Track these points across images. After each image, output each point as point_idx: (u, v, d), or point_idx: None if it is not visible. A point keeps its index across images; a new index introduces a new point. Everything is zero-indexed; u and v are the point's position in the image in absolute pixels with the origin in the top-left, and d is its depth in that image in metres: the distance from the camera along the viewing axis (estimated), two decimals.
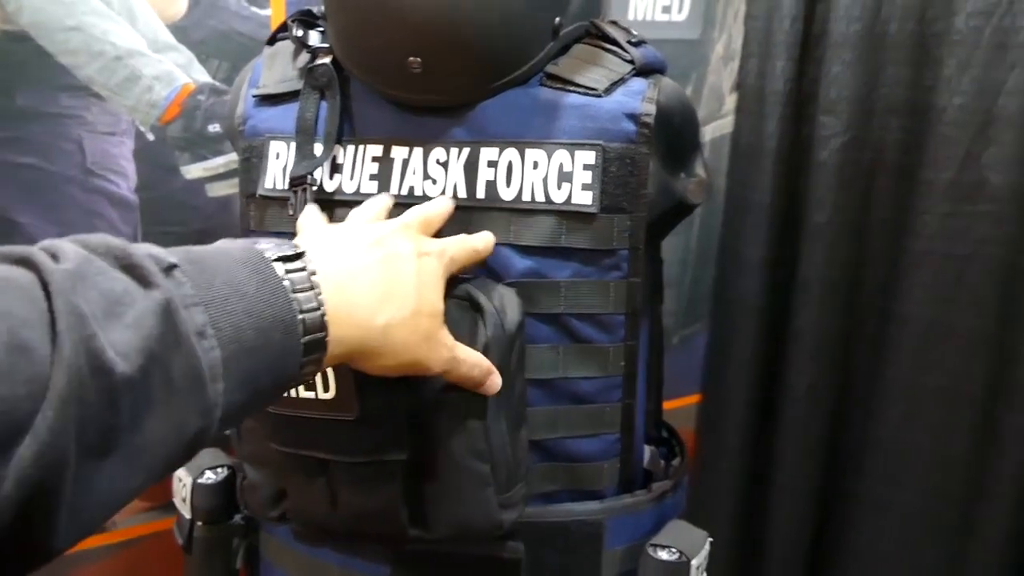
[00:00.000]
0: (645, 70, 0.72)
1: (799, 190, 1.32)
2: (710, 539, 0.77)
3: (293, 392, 0.61)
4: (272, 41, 0.80)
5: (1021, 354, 1.03)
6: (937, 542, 1.19)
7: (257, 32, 1.06)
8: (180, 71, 1.04)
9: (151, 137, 1.05)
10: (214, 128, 1.07)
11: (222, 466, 0.82)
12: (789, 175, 1.33)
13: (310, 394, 0.61)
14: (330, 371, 0.59)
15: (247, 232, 0.78)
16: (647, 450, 0.89)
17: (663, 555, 0.74)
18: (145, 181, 1.06)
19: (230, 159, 1.09)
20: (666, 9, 1.34)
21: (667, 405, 0.94)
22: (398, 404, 0.61)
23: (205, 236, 1.12)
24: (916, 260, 1.15)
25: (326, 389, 0.60)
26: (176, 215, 1.10)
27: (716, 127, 1.48)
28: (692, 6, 1.36)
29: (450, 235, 0.68)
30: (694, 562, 0.74)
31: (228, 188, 1.11)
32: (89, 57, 0.98)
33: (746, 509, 1.49)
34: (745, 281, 1.41)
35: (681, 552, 0.73)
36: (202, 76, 1.05)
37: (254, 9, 1.06)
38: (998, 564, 1.09)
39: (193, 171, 1.08)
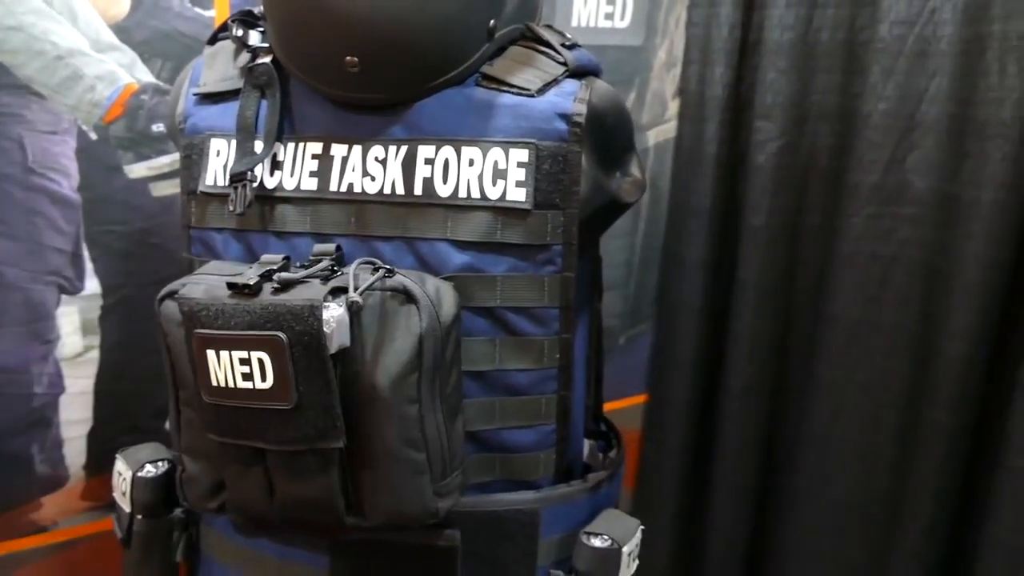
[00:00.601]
0: (578, 72, 0.74)
1: (737, 193, 1.36)
2: (642, 527, 0.80)
3: (230, 382, 0.62)
4: (213, 40, 0.81)
5: (941, 351, 1.08)
6: (864, 534, 1.24)
7: (200, 33, 1.06)
8: (123, 71, 1.04)
9: (94, 136, 1.04)
10: (158, 128, 1.07)
11: (162, 460, 0.82)
12: (728, 179, 1.37)
13: (247, 384, 0.62)
14: (267, 360, 0.61)
15: (187, 228, 0.79)
16: (586, 444, 0.91)
17: (596, 542, 0.76)
18: (87, 180, 1.06)
19: (174, 159, 1.09)
20: (609, 16, 1.37)
21: (613, 405, 0.96)
22: (333, 393, 0.62)
23: (147, 235, 1.12)
24: (844, 261, 1.20)
25: (263, 379, 0.61)
26: (119, 214, 1.09)
27: (659, 132, 1.52)
28: (634, 13, 1.39)
29: (390, 231, 0.70)
30: (625, 549, 0.76)
31: (172, 188, 1.10)
32: (29, 56, 0.98)
33: (687, 508, 1.53)
34: (687, 283, 1.45)
35: (613, 539, 0.76)
36: (145, 76, 1.05)
37: (197, 10, 1.06)
38: (919, 554, 1.14)
39: (137, 170, 1.08)
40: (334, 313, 0.61)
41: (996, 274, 1.01)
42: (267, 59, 0.74)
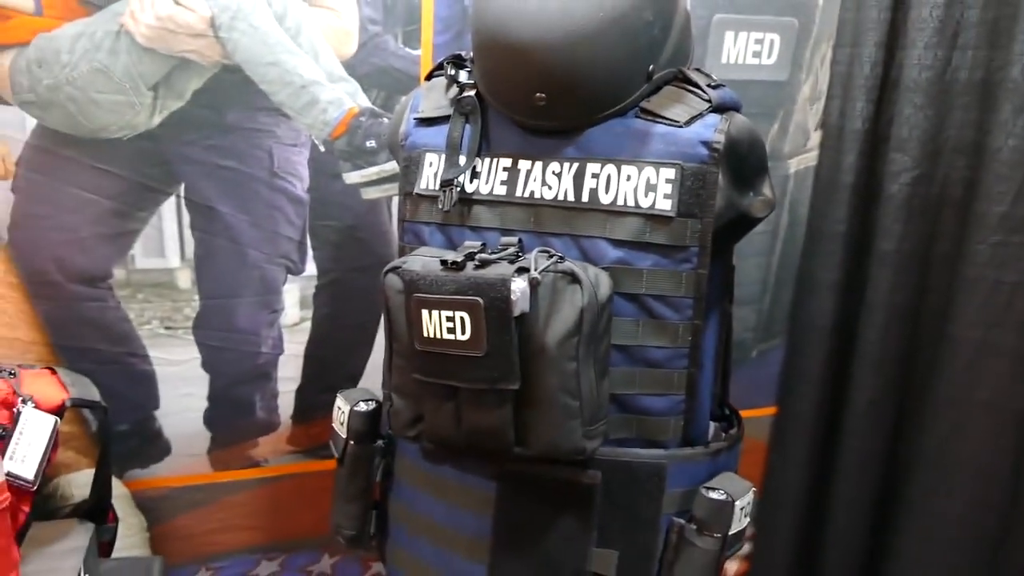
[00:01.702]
0: (720, 108, 0.91)
1: (870, 220, 1.46)
2: (753, 489, 0.94)
3: (438, 335, 0.83)
4: (429, 77, 1.04)
5: None
6: (977, 549, 1.29)
7: (408, 68, 1.31)
8: (348, 97, 1.29)
9: (322, 149, 1.31)
10: (371, 144, 1.32)
11: (372, 400, 1.05)
12: (862, 207, 1.47)
13: (451, 336, 0.82)
14: (467, 319, 0.81)
15: (402, 222, 1.01)
16: (712, 426, 1.06)
17: (713, 495, 0.92)
18: (314, 183, 1.32)
19: (381, 169, 1.34)
20: (756, 54, 1.52)
21: (744, 414, 1.09)
22: (514, 347, 0.81)
23: (355, 230, 1.38)
24: (969, 286, 1.27)
25: (463, 332, 0.82)
26: (335, 212, 1.35)
27: (800, 160, 1.64)
28: (781, 52, 1.53)
29: (560, 229, 0.89)
30: (738, 503, 0.91)
31: (378, 192, 1.35)
32: (282, 86, 1.25)
33: (809, 518, 1.61)
34: (818, 302, 1.55)
35: (728, 494, 0.91)
36: (364, 102, 1.31)
37: (408, 49, 1.31)
38: None
39: (352, 177, 1.34)
40: (519, 286, 0.80)
41: None
42: (471, 93, 0.96)
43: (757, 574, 1.67)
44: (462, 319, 0.81)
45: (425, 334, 0.85)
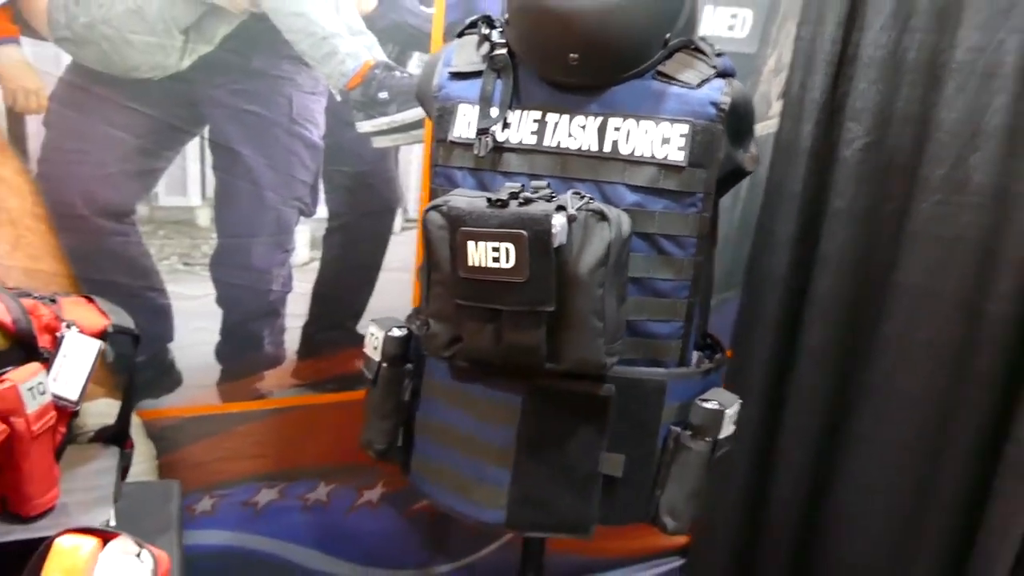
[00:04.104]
0: (723, 74, 1.05)
1: (825, 181, 1.64)
2: (740, 401, 1.10)
3: (484, 263, 0.95)
4: (461, 35, 1.14)
5: (988, 314, 1.34)
6: (915, 468, 1.51)
7: (422, 25, 1.40)
8: (365, 50, 1.38)
9: (339, 98, 1.39)
10: (383, 95, 1.41)
11: (402, 326, 1.16)
12: (817, 169, 1.64)
13: (496, 264, 0.94)
14: (512, 249, 0.93)
15: (435, 167, 1.12)
16: (695, 354, 1.22)
17: (707, 405, 1.07)
18: (330, 131, 1.40)
19: (392, 120, 1.43)
20: (731, 27, 1.66)
21: None
22: (552, 274, 0.94)
23: (365, 177, 1.47)
24: (913, 240, 1.46)
25: (507, 261, 0.94)
26: (347, 159, 1.44)
27: (763, 127, 1.80)
28: (752, 26, 1.68)
29: (584, 175, 1.02)
30: (728, 411, 1.07)
31: (387, 142, 1.45)
32: (305, 36, 1.33)
33: (762, 450, 1.81)
34: (775, 256, 1.73)
35: (720, 403, 1.07)
36: (380, 55, 1.39)
37: (423, 7, 1.40)
38: (962, 481, 1.40)
39: (364, 126, 1.43)
40: (559, 221, 0.93)
41: None
42: (503, 51, 1.07)
43: (713, 494, 1.86)
44: (507, 249, 0.93)
45: (470, 263, 0.96)
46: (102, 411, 1.37)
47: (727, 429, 1.09)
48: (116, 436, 1.31)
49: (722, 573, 1.95)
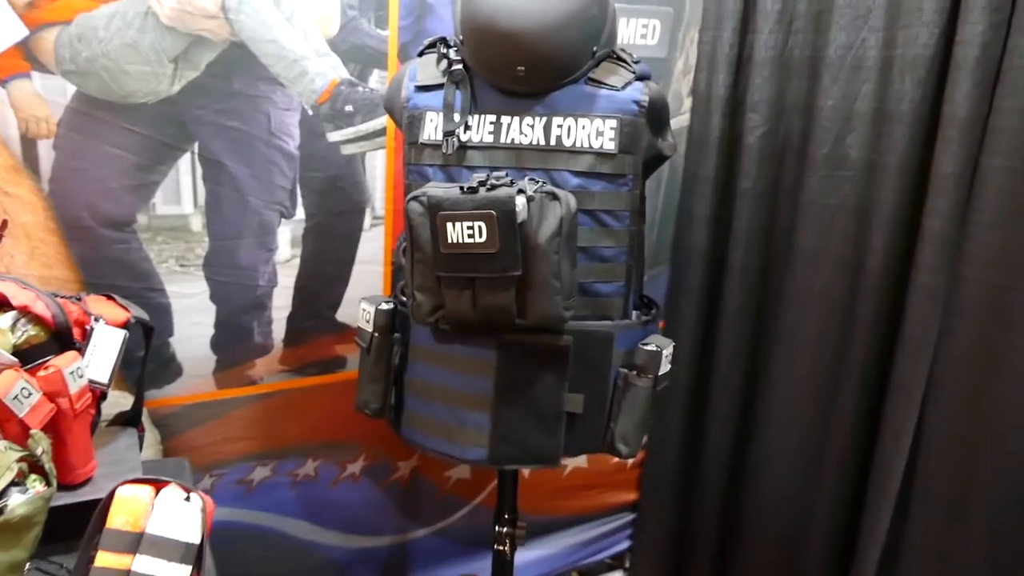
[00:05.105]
0: (642, 77, 1.29)
1: (733, 166, 1.90)
2: (673, 344, 1.35)
3: (460, 240, 1.16)
4: (421, 54, 1.35)
5: (866, 265, 1.62)
6: (825, 374, 1.76)
7: (379, 46, 1.60)
8: (331, 70, 1.57)
9: (310, 112, 1.58)
10: (349, 108, 1.61)
11: (390, 300, 1.37)
12: (726, 156, 1.91)
13: (471, 240, 1.16)
14: (484, 226, 1.15)
15: (408, 165, 1.32)
16: (635, 313, 1.45)
17: (648, 347, 1.31)
18: (304, 141, 1.59)
19: (357, 129, 1.63)
20: (643, 36, 1.91)
21: None
22: (518, 244, 1.16)
23: (336, 180, 1.66)
24: (806, 209, 1.74)
25: (480, 237, 1.15)
26: (320, 165, 1.63)
27: (676, 122, 2.05)
28: (660, 35, 1.93)
29: (536, 165, 1.24)
30: (664, 352, 1.31)
31: (354, 148, 1.64)
32: (278, 59, 1.51)
33: (694, 399, 2.07)
34: (695, 232, 1.98)
35: (658, 346, 1.31)
36: (344, 73, 1.59)
37: (378, 30, 1.60)
38: (859, 404, 1.68)
39: (334, 136, 1.62)
40: (520, 202, 1.15)
41: (901, 211, 1.56)
42: (459, 66, 1.28)
43: (654, 430, 2.10)
44: (479, 227, 1.15)
45: (449, 240, 1.17)
46: (112, 401, 1.52)
47: (665, 367, 1.33)
48: (130, 420, 1.47)
49: (667, 525, 2.20)
